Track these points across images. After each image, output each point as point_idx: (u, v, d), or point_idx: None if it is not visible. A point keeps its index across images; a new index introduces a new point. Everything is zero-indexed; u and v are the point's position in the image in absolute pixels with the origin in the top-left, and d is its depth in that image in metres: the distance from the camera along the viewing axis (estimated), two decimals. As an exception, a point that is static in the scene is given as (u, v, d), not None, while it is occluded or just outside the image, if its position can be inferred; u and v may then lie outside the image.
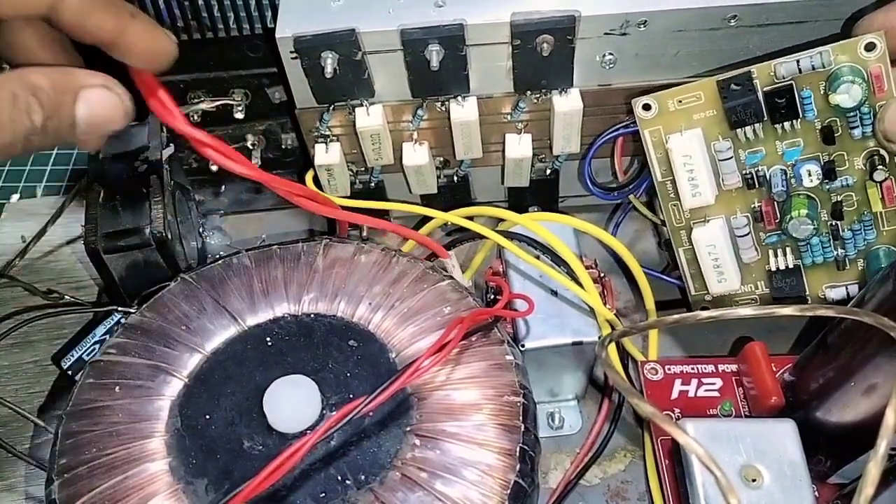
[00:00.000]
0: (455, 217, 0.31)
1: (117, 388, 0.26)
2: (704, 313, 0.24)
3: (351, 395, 0.25)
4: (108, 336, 0.28)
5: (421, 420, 0.25)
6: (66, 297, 0.36)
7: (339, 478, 0.24)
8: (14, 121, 0.20)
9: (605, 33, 0.30)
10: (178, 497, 0.24)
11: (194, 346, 0.27)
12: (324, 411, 0.25)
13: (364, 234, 0.36)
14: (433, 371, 0.26)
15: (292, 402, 0.25)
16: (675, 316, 0.25)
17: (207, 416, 0.26)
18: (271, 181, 0.25)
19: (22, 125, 0.20)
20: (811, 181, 0.30)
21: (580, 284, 0.30)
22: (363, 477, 0.24)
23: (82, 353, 0.31)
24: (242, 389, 0.26)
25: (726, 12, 0.29)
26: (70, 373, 0.31)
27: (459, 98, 0.32)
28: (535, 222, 0.31)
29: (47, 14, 0.20)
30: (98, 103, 0.22)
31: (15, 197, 0.43)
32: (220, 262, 0.30)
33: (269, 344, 0.27)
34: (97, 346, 0.31)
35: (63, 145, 0.21)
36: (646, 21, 0.29)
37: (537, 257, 0.31)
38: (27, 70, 0.21)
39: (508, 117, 0.33)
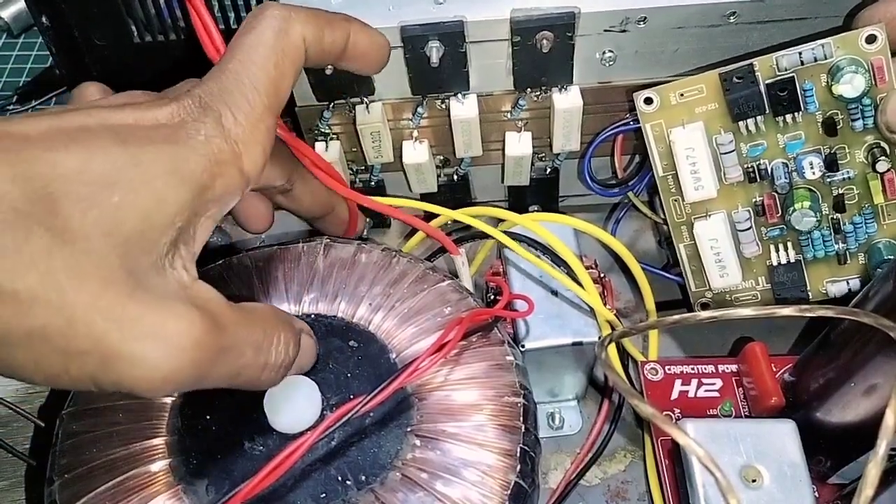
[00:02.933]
0: (461, 214, 0.31)
1: (117, 388, 0.26)
2: (704, 314, 0.24)
3: (351, 396, 0.25)
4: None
5: (421, 420, 0.25)
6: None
7: (340, 478, 0.24)
8: (266, 353, 0.21)
9: (605, 30, 0.30)
10: (178, 497, 0.24)
11: (194, 347, 0.27)
12: (324, 412, 0.25)
13: (364, 233, 0.36)
14: (433, 371, 0.26)
15: (293, 403, 0.25)
16: (676, 316, 0.25)
17: (208, 416, 0.26)
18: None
19: (269, 359, 0.21)
20: (813, 174, 0.30)
21: (580, 284, 0.29)
22: (363, 477, 0.24)
23: (82, 353, 0.31)
24: (243, 390, 0.26)
25: (726, 9, 0.29)
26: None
27: (459, 95, 0.31)
28: (535, 222, 0.30)
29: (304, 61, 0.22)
30: (306, 349, 0.24)
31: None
32: (220, 262, 0.30)
33: (269, 344, 0.27)
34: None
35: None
36: (645, 18, 0.29)
37: (537, 257, 0.31)
38: (284, 313, 0.23)
39: (508, 115, 0.33)
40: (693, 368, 0.31)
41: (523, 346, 0.29)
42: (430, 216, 0.32)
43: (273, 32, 0.21)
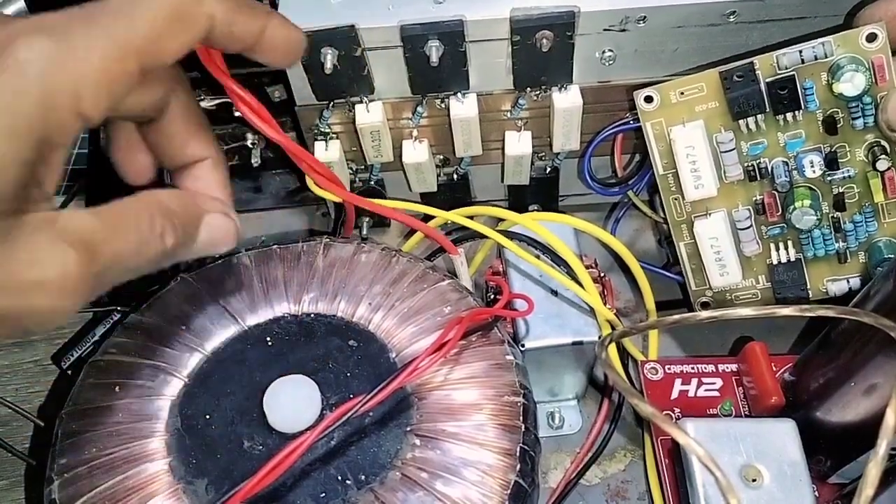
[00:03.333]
0: (455, 216, 0.31)
1: (117, 388, 0.26)
2: (704, 313, 0.24)
3: (351, 395, 0.25)
4: (107, 336, 0.28)
5: (421, 420, 0.25)
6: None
7: (340, 478, 0.24)
8: (150, 244, 0.21)
9: (605, 29, 0.30)
10: (178, 497, 0.24)
11: (194, 346, 0.27)
12: (324, 411, 0.25)
13: (364, 233, 0.36)
14: (433, 371, 0.26)
15: (292, 402, 0.25)
16: (676, 316, 0.25)
17: (207, 416, 0.26)
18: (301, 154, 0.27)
19: (155, 248, 0.21)
20: (813, 172, 0.30)
21: (580, 284, 0.29)
22: (363, 477, 0.24)
23: (82, 353, 0.31)
24: (242, 389, 0.26)
25: (725, 8, 0.29)
26: (70, 373, 0.31)
27: (459, 95, 0.31)
28: (535, 222, 0.30)
29: (204, 37, 0.21)
30: (217, 228, 0.23)
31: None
32: (220, 262, 0.30)
33: (270, 344, 0.27)
34: (97, 346, 0.31)
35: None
36: (645, 17, 0.29)
37: (537, 257, 0.31)
38: (162, 193, 0.22)
39: (508, 114, 0.33)
40: (693, 368, 0.31)
41: (523, 346, 0.29)
42: (427, 216, 0.32)
43: None
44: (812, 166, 0.30)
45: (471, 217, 0.32)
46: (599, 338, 0.29)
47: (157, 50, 0.20)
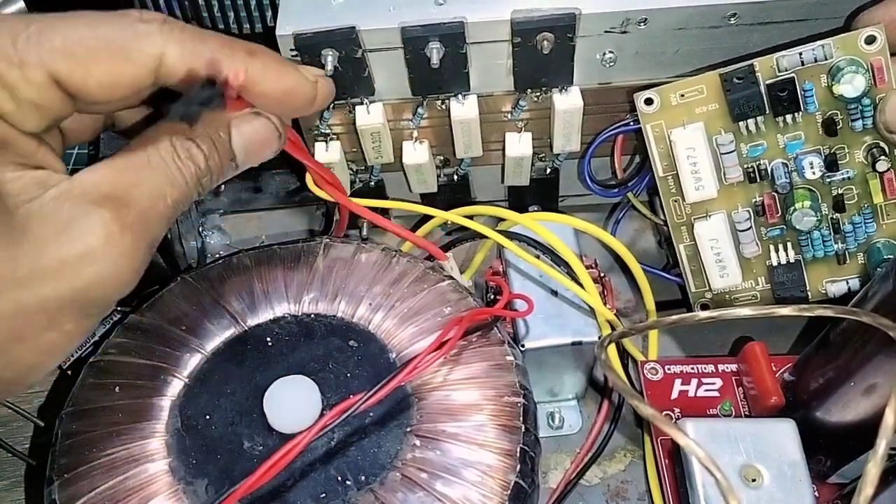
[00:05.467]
0: (455, 216, 0.31)
1: (117, 388, 0.26)
2: (704, 313, 0.24)
3: (351, 396, 0.25)
4: (107, 336, 0.28)
5: (421, 420, 0.25)
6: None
7: (340, 478, 0.24)
8: (182, 168, 0.20)
9: (606, 31, 0.30)
10: (178, 497, 0.24)
11: (194, 346, 0.27)
12: (324, 411, 0.25)
13: (364, 233, 0.36)
14: (433, 371, 0.26)
15: (292, 403, 0.25)
16: (675, 316, 0.25)
17: (207, 417, 0.26)
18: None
19: (190, 170, 0.20)
20: (813, 173, 0.30)
21: (580, 284, 0.29)
22: (363, 477, 0.24)
23: (82, 353, 0.31)
24: (242, 389, 0.26)
25: (726, 10, 0.29)
26: (70, 373, 0.31)
27: (460, 96, 0.31)
28: (535, 222, 0.30)
29: (154, 82, 0.20)
30: (250, 131, 0.22)
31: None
32: (220, 262, 0.30)
33: (270, 344, 0.27)
34: (97, 346, 0.31)
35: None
36: (646, 19, 0.29)
37: (537, 257, 0.31)
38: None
39: (509, 115, 0.33)
40: (693, 368, 0.31)
41: (523, 346, 0.29)
42: (427, 217, 0.32)
43: (131, 21, 0.20)
44: (812, 168, 0.30)
45: (471, 217, 0.32)
46: (599, 338, 0.29)
47: (90, 75, 0.19)
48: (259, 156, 0.22)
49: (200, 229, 0.38)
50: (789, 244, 0.31)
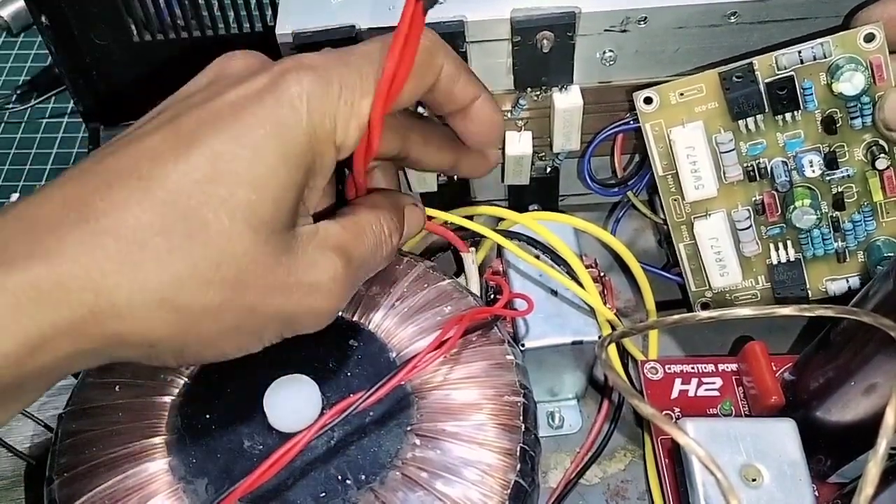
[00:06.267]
0: (455, 216, 0.31)
1: (117, 387, 0.26)
2: (704, 313, 0.24)
3: (351, 395, 0.25)
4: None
5: (421, 420, 0.25)
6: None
7: (340, 477, 0.24)
8: (383, 244, 0.24)
9: (606, 30, 0.30)
10: (178, 496, 0.24)
11: (194, 346, 0.27)
12: (324, 411, 0.25)
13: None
14: (433, 370, 0.26)
15: (293, 402, 0.25)
16: (676, 316, 0.25)
17: (207, 416, 0.25)
18: None
19: (387, 248, 0.25)
20: (813, 172, 0.30)
21: (580, 284, 0.29)
22: (363, 477, 0.24)
23: (82, 353, 0.31)
24: (242, 389, 0.26)
25: (727, 9, 0.29)
26: (70, 372, 0.31)
27: (459, 96, 0.31)
28: (535, 221, 0.30)
29: (431, 88, 0.24)
30: (414, 222, 0.26)
31: (15, 196, 0.43)
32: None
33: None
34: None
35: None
36: (646, 18, 0.29)
37: (537, 257, 0.31)
38: (377, 198, 0.25)
39: (509, 115, 0.33)
40: (693, 368, 0.31)
41: (523, 345, 0.29)
42: (427, 216, 0.31)
43: (426, 40, 0.23)
44: (811, 166, 0.30)
45: (471, 217, 0.32)
46: (599, 338, 0.29)
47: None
48: (408, 239, 0.27)
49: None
50: (789, 243, 0.31)
